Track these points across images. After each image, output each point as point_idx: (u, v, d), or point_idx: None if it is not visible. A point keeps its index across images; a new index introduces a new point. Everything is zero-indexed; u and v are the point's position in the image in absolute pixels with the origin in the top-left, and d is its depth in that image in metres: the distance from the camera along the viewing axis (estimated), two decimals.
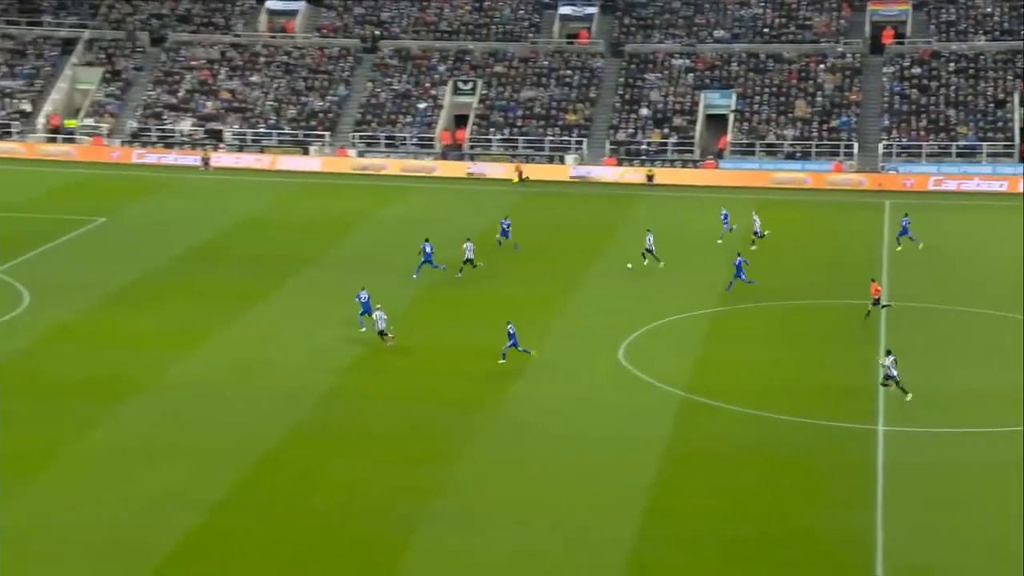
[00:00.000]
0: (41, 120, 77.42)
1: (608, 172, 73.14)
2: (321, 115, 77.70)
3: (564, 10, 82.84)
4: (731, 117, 75.99)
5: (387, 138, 76.04)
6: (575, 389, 40.54)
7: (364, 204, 65.71)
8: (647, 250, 52.57)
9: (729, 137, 74.90)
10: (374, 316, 43.35)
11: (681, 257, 55.05)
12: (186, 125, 77.14)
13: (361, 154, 75.25)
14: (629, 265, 51.87)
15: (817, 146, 73.81)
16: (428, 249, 50.95)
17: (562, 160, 74.42)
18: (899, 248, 55.91)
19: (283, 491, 33.18)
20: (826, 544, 30.62)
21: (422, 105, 77.97)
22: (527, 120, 76.95)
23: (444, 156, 74.77)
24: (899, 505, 32.25)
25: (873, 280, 47.39)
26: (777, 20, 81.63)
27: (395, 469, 34.44)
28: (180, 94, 79.26)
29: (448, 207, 65.78)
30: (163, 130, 76.84)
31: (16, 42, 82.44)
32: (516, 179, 71.37)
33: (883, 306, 46.53)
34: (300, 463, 34.87)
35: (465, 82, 79.15)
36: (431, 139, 76.25)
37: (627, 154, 74.57)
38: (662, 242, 53.77)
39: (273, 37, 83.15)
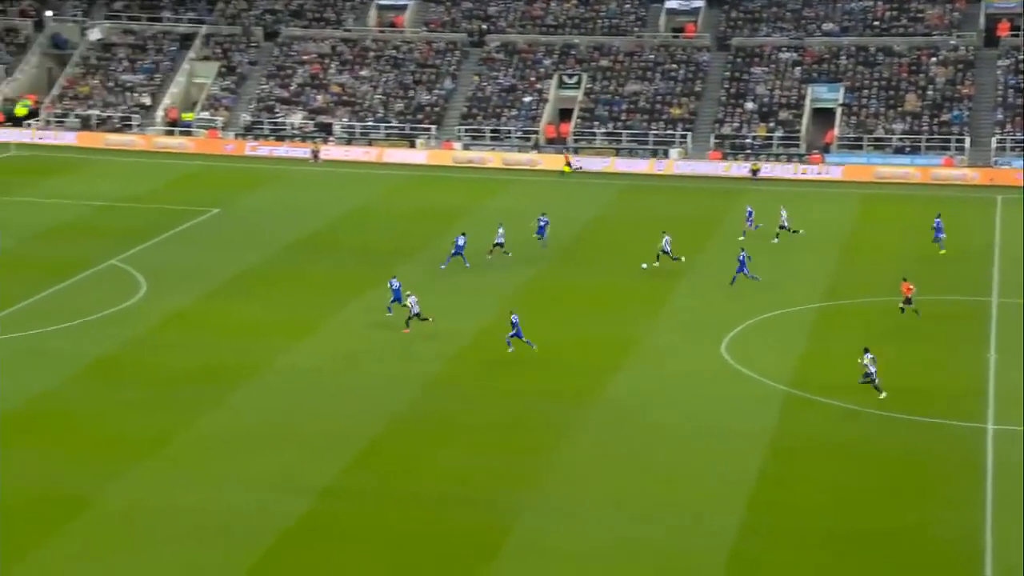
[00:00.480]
0: (159, 113, 79.44)
1: (709, 167, 72.80)
2: (428, 109, 78.55)
3: (670, 4, 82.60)
4: (838, 111, 75.11)
5: (492, 131, 76.61)
6: (677, 381, 40.59)
7: (468, 197, 66.32)
8: (663, 251, 51.46)
9: (836, 131, 74.05)
10: (407, 303, 44.00)
11: (785, 252, 54.68)
12: (297, 118, 78.57)
13: (466, 147, 75.94)
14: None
15: (927, 140, 72.60)
16: (461, 242, 51.41)
17: (666, 154, 74.26)
18: (943, 252, 54.14)
19: (387, 478, 33.80)
20: (932, 542, 30.34)
21: (527, 99, 78.37)
22: (631, 114, 76.91)
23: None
24: (1009, 504, 31.78)
25: (904, 279, 46.11)
26: (888, 13, 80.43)
27: (498, 458, 34.87)
28: (292, 88, 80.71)
29: (550, 200, 66.05)
30: (275, 123, 78.35)
31: (137, 37, 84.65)
32: (567, 168, 71.40)
33: (912, 308, 45.14)
34: (404, 451, 35.48)
35: (570, 76, 79.36)
36: (535, 132, 76.63)
37: (732, 148, 74.14)
38: (765, 237, 53.27)
39: (382, 32, 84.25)
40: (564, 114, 78.33)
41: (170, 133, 78.02)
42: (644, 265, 51.39)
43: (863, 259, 52.29)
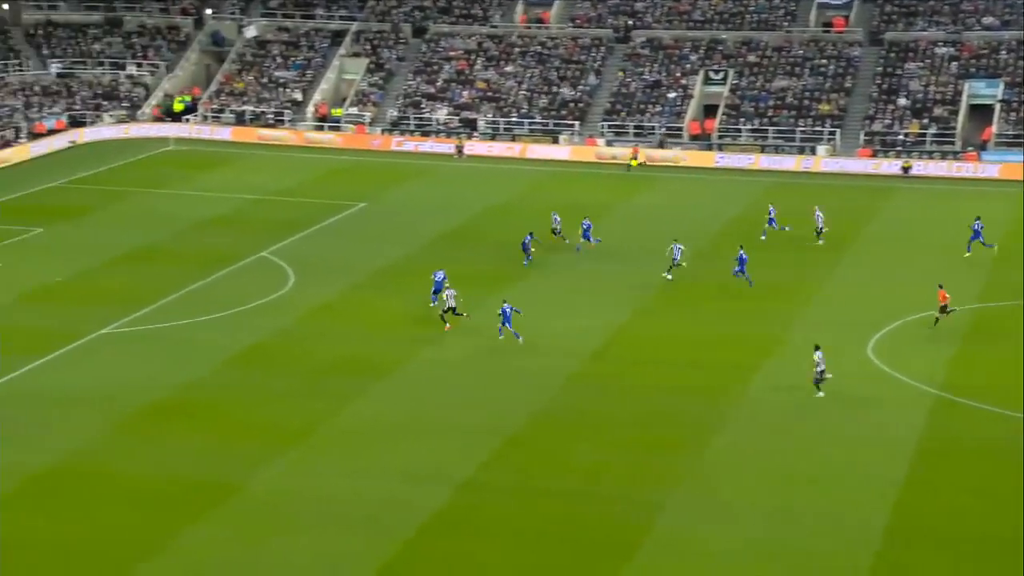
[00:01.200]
0: (310, 109, 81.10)
1: (858, 164, 71.21)
2: (571, 104, 78.57)
3: None
4: (997, 107, 72.76)
5: (635, 127, 76.26)
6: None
7: (611, 193, 66.14)
8: (674, 263, 49.76)
9: (994, 128, 71.75)
10: (444, 295, 44.07)
11: (935, 252, 53.23)
12: (442, 114, 79.39)
13: (609, 143, 75.72)
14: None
15: None
16: (527, 240, 51.37)
17: (813, 151, 72.92)
18: (967, 254, 51.96)
19: (527, 472, 33.93)
20: None
21: (672, 95, 77.80)
22: (777, 110, 75.74)
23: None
24: None
25: (941, 287, 44.27)
26: None
27: (639, 455, 34.74)
28: (438, 84, 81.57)
29: (694, 197, 65.52)
30: (420, 119, 79.33)
31: (291, 35, 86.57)
32: (633, 162, 71.02)
33: (949, 311, 43.51)
34: (545, 445, 35.58)
35: (716, 72, 78.52)
36: (679, 129, 76.02)
37: (882, 145, 72.45)
38: (915, 236, 51.87)
39: (528, 28, 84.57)
40: (709, 110, 77.55)
41: (320, 128, 79.59)
42: (668, 276, 50.05)
43: (1019, 261, 50.57)
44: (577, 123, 77.29)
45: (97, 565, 29.22)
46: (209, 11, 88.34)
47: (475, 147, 76.09)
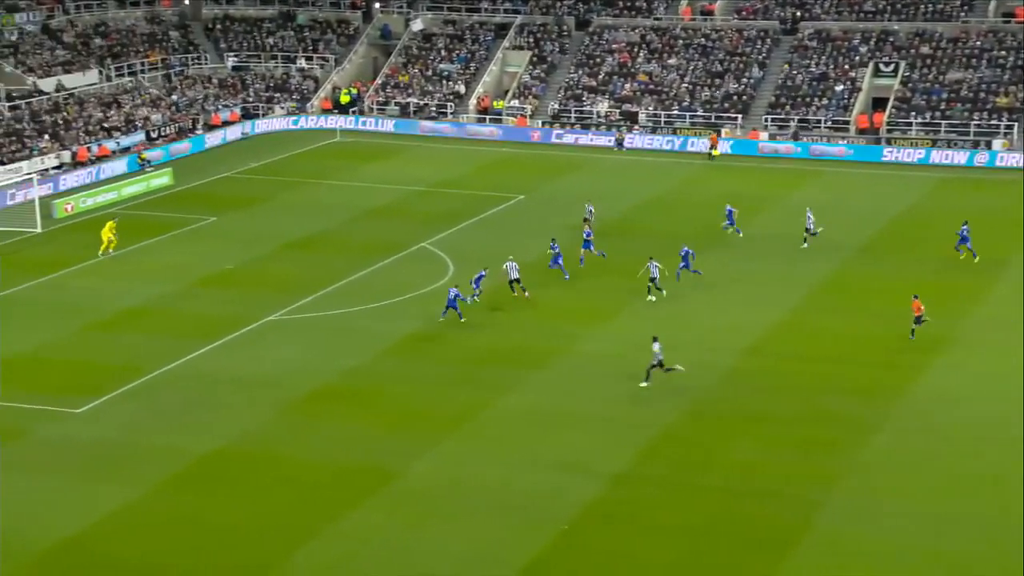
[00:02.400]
0: (472, 101, 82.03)
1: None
2: (735, 97, 77.64)
3: None
4: None
5: (800, 121, 74.95)
6: (987, 383, 38.68)
7: (773, 187, 65.18)
8: (652, 280, 46.99)
9: None
10: (506, 267, 46.02)
11: None
12: (603, 107, 79.36)
13: (772, 137, 74.60)
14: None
15: None
16: (556, 249, 50.15)
17: (988, 146, 70.59)
18: (962, 256, 50.00)
19: (681, 467, 33.79)
20: None
21: (839, 88, 76.20)
22: (951, 103, 73.51)
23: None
24: None
25: (916, 297, 42.22)
26: None
27: (795, 453, 34.28)
28: (600, 76, 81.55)
29: (858, 192, 64.09)
30: (581, 111, 79.42)
31: (456, 28, 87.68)
32: (715, 152, 70.82)
33: (923, 321, 41.60)
34: (699, 440, 35.37)
35: (887, 64, 76.62)
36: (846, 123, 74.43)
37: None
38: None
39: (692, 20, 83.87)
40: (877, 103, 75.72)
41: (481, 120, 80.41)
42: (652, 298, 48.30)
43: None
44: (740, 116, 76.34)
45: (260, 547, 30.09)
46: (378, 5, 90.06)
47: (635, 140, 75.84)
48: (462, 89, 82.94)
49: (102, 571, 29.24)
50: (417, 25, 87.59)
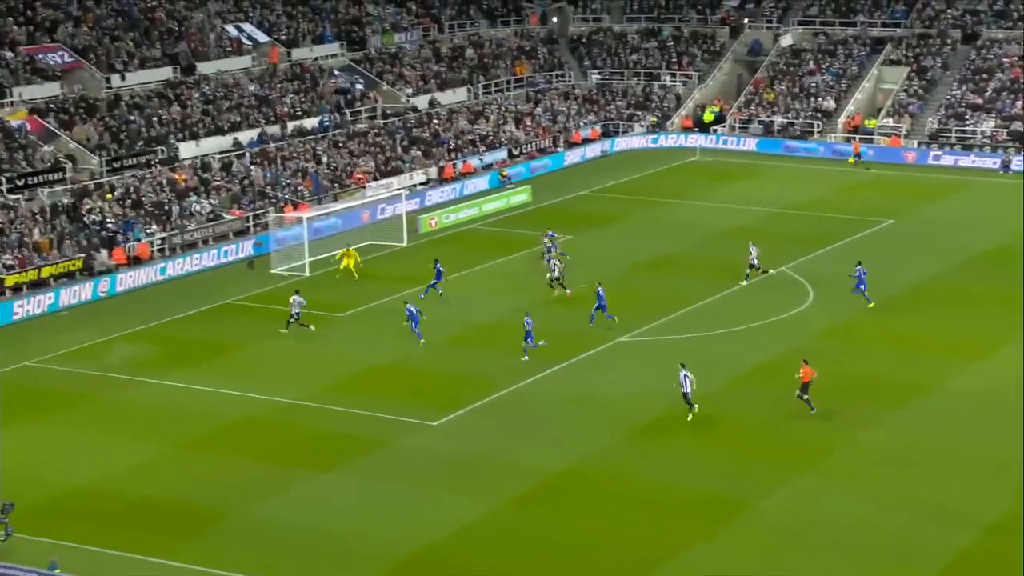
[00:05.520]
0: (842, 119, 78.49)
1: None
2: None
3: None
4: None
5: None
6: None
7: None
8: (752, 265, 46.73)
9: None
10: (549, 263, 48.42)
11: None
12: (988, 126, 73.93)
13: None
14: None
15: None
16: (601, 293, 45.30)
17: None
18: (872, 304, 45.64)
19: None
20: None
21: None
22: None
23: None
24: None
25: (805, 362, 36.97)
26: None
27: None
28: (987, 93, 76.04)
29: None
30: (962, 131, 74.33)
31: (827, 41, 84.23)
32: (851, 160, 67.38)
33: (804, 397, 36.69)
34: None
35: None
36: None
37: None
38: None
39: None
40: None
41: (850, 140, 76.73)
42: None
43: None
44: None
45: (611, 566, 29.55)
46: (746, 20, 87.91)
47: None
48: (831, 106, 79.53)
49: None
50: (787, 40, 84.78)
